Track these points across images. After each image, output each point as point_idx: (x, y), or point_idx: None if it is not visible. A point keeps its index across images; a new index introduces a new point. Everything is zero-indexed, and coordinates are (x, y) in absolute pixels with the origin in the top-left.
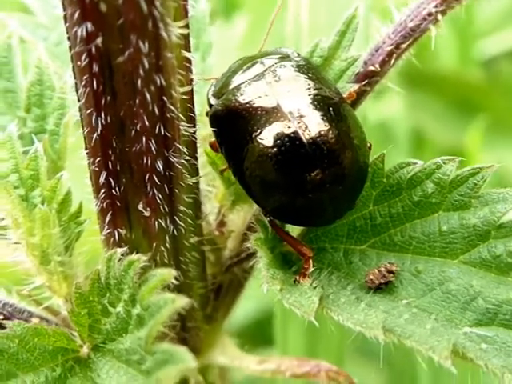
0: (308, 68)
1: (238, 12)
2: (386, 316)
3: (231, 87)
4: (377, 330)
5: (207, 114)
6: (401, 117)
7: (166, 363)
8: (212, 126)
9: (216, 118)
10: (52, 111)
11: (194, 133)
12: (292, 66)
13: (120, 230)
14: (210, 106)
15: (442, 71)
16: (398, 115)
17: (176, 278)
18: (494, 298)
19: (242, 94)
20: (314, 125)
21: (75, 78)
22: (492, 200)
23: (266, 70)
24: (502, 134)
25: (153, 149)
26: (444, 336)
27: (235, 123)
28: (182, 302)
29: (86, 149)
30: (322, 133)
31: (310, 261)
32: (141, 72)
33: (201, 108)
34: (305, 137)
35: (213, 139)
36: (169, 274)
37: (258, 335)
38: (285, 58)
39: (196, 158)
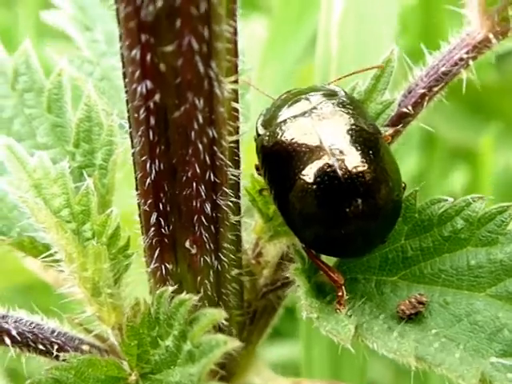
0: (352, 107)
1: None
2: (417, 345)
3: (278, 120)
4: (409, 358)
5: (255, 140)
6: None
7: None
8: (257, 154)
9: (262, 148)
10: (100, 147)
11: (239, 175)
12: (337, 104)
13: (167, 264)
14: (258, 134)
15: None
16: None
17: None
18: None
19: (287, 129)
20: (352, 164)
21: (130, 127)
22: None
23: (313, 108)
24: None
25: (202, 193)
26: (473, 365)
27: (279, 156)
28: (233, 344)
29: (137, 190)
30: (360, 172)
31: (343, 288)
32: (195, 125)
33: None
34: (343, 175)
35: (258, 163)
36: (219, 314)
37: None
38: (332, 95)
39: (239, 197)
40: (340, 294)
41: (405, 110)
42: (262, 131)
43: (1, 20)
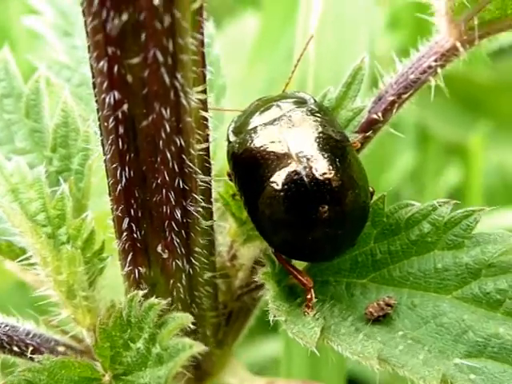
0: (321, 115)
1: (249, 7)
2: (383, 347)
3: (248, 128)
4: (372, 360)
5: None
6: (407, 112)
7: None
8: (228, 160)
9: (232, 155)
10: (77, 152)
11: (210, 181)
12: (306, 112)
13: (140, 268)
14: (229, 141)
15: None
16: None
17: (191, 313)
18: (484, 331)
19: (257, 137)
20: (319, 171)
21: (101, 135)
22: (483, 241)
23: (282, 116)
24: (505, 132)
25: (172, 199)
26: (435, 366)
27: (248, 163)
28: (198, 348)
29: (110, 196)
30: (327, 179)
31: (312, 291)
32: (162, 134)
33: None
34: (310, 183)
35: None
36: (186, 318)
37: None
38: (301, 103)
39: (211, 203)
40: (309, 296)
41: (375, 116)
42: (232, 138)
43: None
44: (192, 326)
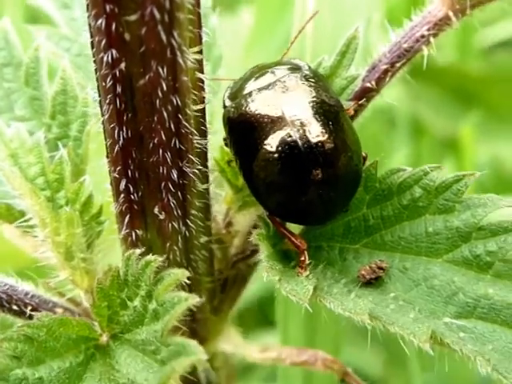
0: (314, 81)
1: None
2: (374, 306)
3: (244, 93)
4: (363, 316)
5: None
6: (401, 104)
7: (179, 354)
8: (224, 125)
9: (228, 119)
10: (75, 119)
11: (206, 144)
12: (300, 77)
13: (137, 230)
14: (225, 106)
15: (440, 61)
16: (398, 102)
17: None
18: (474, 293)
19: (252, 101)
20: (312, 134)
21: (99, 95)
22: (473, 204)
23: (276, 81)
24: (498, 125)
25: (168, 160)
26: (425, 323)
27: (244, 127)
28: (193, 300)
29: (107, 157)
30: (320, 142)
31: (305, 252)
32: (159, 93)
33: (210, 118)
34: (303, 145)
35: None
36: (182, 273)
37: (260, 315)
38: (295, 69)
39: (207, 167)
40: (302, 258)
41: (368, 84)
42: (228, 103)
43: None
44: (187, 287)
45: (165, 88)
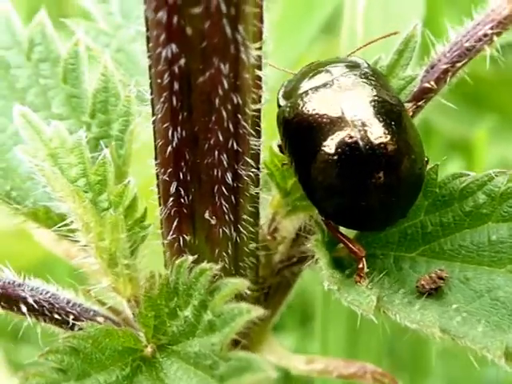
0: (375, 79)
1: None
2: (440, 318)
3: (300, 92)
4: (434, 329)
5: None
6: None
7: (243, 371)
8: (278, 126)
9: (283, 120)
10: (117, 118)
11: (260, 145)
12: (359, 75)
13: (185, 235)
14: (279, 106)
15: None
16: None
17: None
18: None
19: (309, 101)
20: (374, 135)
21: (152, 93)
22: None
23: (334, 79)
24: (508, 127)
25: (224, 162)
26: (497, 337)
27: (300, 127)
28: (257, 312)
29: (156, 159)
30: (382, 143)
31: (364, 260)
32: (219, 91)
33: None
34: (365, 147)
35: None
36: (242, 284)
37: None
38: (354, 67)
39: (259, 169)
40: (360, 266)
41: (427, 85)
42: (283, 102)
43: None
44: (248, 292)
45: (226, 86)
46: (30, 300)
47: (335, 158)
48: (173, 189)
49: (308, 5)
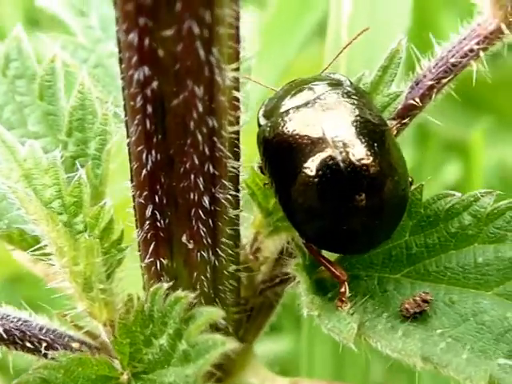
0: (357, 97)
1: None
2: (423, 345)
3: (280, 111)
4: (415, 358)
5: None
6: None
7: None
8: (258, 146)
9: (263, 139)
10: (94, 136)
11: (239, 167)
12: (342, 94)
13: (162, 259)
14: (259, 125)
15: None
16: None
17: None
18: None
19: (289, 120)
20: (356, 157)
21: (126, 115)
22: None
23: (316, 98)
24: (505, 129)
25: (200, 186)
26: (480, 366)
27: (280, 147)
28: (231, 345)
29: (131, 181)
30: (364, 165)
31: (346, 284)
32: (194, 114)
33: None
34: (346, 168)
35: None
36: (216, 313)
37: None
38: (336, 85)
39: (239, 191)
40: (342, 290)
41: (412, 102)
42: (263, 122)
43: None
44: (222, 322)
45: (200, 109)
46: (0, 329)
47: (316, 179)
48: (149, 212)
49: (299, 8)
